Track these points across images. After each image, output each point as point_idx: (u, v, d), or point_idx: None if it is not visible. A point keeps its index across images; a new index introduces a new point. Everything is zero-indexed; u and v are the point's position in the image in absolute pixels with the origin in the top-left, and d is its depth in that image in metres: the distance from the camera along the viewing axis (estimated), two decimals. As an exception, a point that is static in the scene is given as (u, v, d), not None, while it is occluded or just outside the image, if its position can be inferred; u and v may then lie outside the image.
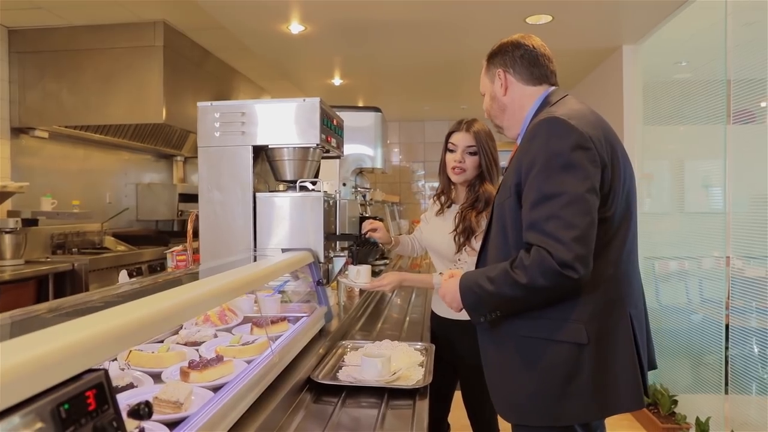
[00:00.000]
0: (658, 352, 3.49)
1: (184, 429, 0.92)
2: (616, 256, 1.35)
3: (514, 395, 1.40)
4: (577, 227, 1.22)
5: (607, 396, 1.31)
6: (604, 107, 4.45)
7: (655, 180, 4.08)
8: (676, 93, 3.56)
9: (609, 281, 1.33)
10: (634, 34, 3.85)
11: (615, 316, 1.33)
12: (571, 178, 1.24)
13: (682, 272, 3.62)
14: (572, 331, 1.30)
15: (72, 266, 3.99)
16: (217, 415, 1.00)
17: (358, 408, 1.47)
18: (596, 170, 1.27)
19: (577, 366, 1.30)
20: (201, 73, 4.98)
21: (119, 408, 0.72)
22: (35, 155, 4.52)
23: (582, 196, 1.23)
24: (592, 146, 1.28)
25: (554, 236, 1.22)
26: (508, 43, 1.53)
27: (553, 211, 1.24)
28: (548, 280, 1.23)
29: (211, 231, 2.07)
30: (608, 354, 1.31)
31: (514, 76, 1.50)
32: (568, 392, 1.30)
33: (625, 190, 1.37)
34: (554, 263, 1.21)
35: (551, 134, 1.29)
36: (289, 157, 2.06)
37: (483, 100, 1.61)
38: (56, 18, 4.14)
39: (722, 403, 2.93)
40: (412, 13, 3.46)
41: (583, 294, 1.30)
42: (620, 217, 1.35)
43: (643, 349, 1.38)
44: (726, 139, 2.90)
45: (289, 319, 1.73)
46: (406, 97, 6.15)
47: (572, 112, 1.34)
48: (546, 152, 1.27)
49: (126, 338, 0.74)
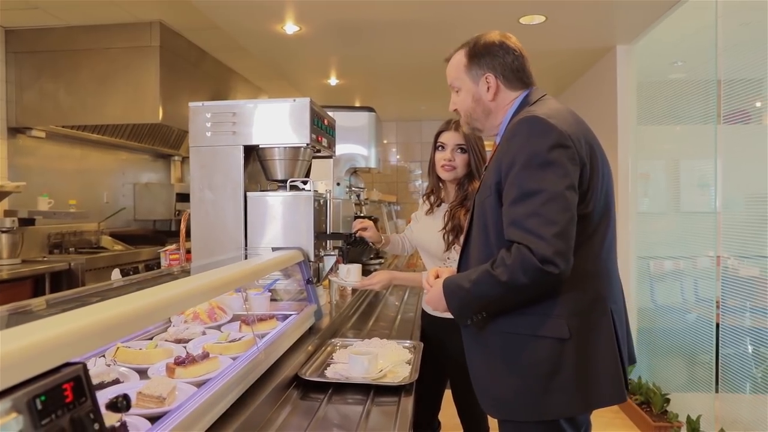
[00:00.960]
0: (652, 350, 3.49)
1: (165, 422, 0.93)
2: (596, 253, 1.37)
3: (498, 392, 1.41)
4: (557, 223, 1.23)
5: (590, 390, 1.33)
6: (598, 107, 4.47)
7: (648, 180, 4.10)
8: (669, 93, 3.58)
9: (589, 277, 1.35)
10: (628, 34, 3.86)
11: (596, 312, 1.35)
12: (551, 176, 1.26)
13: (675, 272, 3.64)
14: (554, 327, 1.32)
15: (68, 266, 4.01)
16: (199, 410, 1.02)
17: (344, 404, 1.49)
18: (575, 168, 1.29)
19: (559, 361, 1.31)
20: (198, 73, 5.00)
21: (97, 401, 0.73)
22: (32, 155, 4.54)
23: (561, 193, 1.25)
24: (571, 144, 1.29)
25: (535, 233, 1.24)
26: (494, 44, 1.47)
27: (534, 208, 1.25)
28: (529, 276, 1.24)
29: (203, 230, 2.09)
30: (590, 349, 1.33)
31: (504, 82, 1.48)
32: (552, 387, 1.32)
33: (603, 189, 1.39)
34: (535, 259, 1.22)
35: (531, 133, 1.30)
36: (279, 156, 2.08)
37: (456, 95, 1.54)
38: (53, 18, 4.16)
39: (713, 402, 2.95)
40: (406, 14, 3.48)
41: (563, 290, 1.32)
42: (599, 215, 1.38)
43: (623, 344, 1.40)
44: (716, 139, 2.92)
45: (278, 317, 1.75)
46: (402, 97, 6.17)
47: (552, 111, 1.36)
48: (526, 150, 1.29)
49: (103, 334, 0.75)
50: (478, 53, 1.48)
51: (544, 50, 4.07)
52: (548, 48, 4.03)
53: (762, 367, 2.65)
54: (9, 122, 4.34)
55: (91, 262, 4.20)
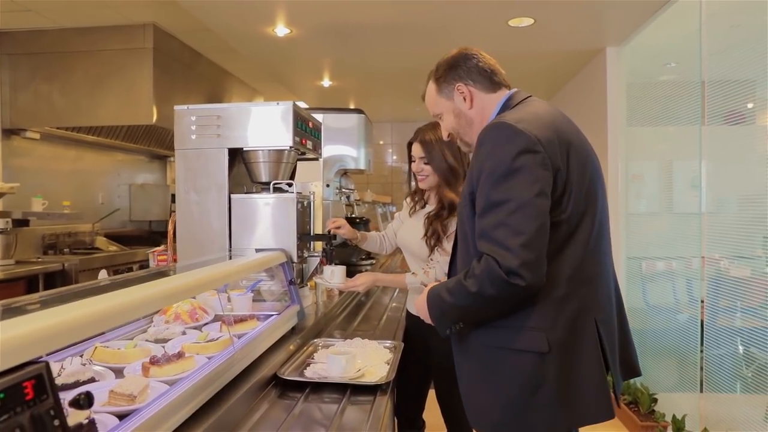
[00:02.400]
0: (642, 351, 3.51)
1: (132, 419, 0.96)
2: (574, 260, 1.32)
3: (483, 406, 1.38)
4: (524, 234, 1.20)
5: (575, 406, 1.28)
6: (589, 109, 4.49)
7: (639, 181, 4.13)
8: (657, 95, 3.61)
9: (567, 285, 1.30)
10: (617, 36, 3.89)
11: (578, 323, 1.30)
12: (518, 184, 1.23)
13: (664, 272, 3.67)
14: (532, 339, 1.28)
15: (62, 266, 4.04)
16: (169, 408, 1.04)
17: (320, 403, 1.51)
18: (546, 173, 1.25)
19: (540, 376, 1.27)
20: (192, 75, 5.03)
21: (59, 399, 0.76)
22: (27, 156, 4.57)
23: (530, 201, 1.22)
24: (540, 149, 1.25)
25: (502, 244, 1.21)
26: (453, 57, 1.49)
27: (500, 218, 1.23)
28: (496, 288, 1.22)
29: (188, 231, 2.11)
30: (573, 363, 1.28)
31: (475, 86, 1.46)
32: (534, 403, 1.28)
33: (583, 191, 1.33)
34: (501, 271, 1.20)
35: (498, 140, 1.28)
36: (264, 159, 2.11)
37: (442, 122, 1.55)
38: (46, 20, 4.19)
39: (698, 401, 2.98)
40: (396, 17, 3.50)
41: (539, 300, 1.28)
42: (577, 220, 1.32)
43: (613, 356, 1.36)
44: (701, 140, 2.94)
45: (259, 317, 1.78)
46: (396, 98, 6.20)
47: (525, 115, 1.33)
48: (492, 159, 1.27)
49: (65, 334, 0.78)
50: (442, 73, 1.50)
51: (534, 53, 4.09)
52: (538, 50, 4.05)
53: (752, 367, 2.67)
54: (3, 124, 4.37)
55: (85, 262, 4.22)
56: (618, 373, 1.40)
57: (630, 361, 1.47)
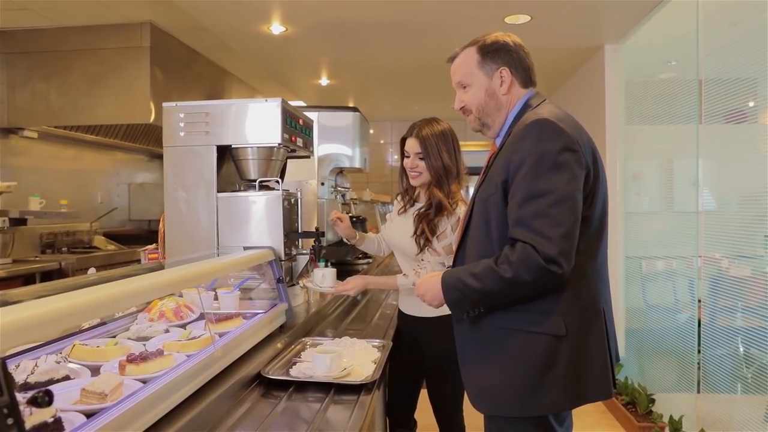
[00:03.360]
0: (640, 351, 3.46)
1: (100, 417, 0.95)
2: (595, 255, 1.42)
3: (490, 386, 1.44)
4: (563, 225, 1.28)
5: (579, 387, 1.37)
6: (587, 107, 4.46)
7: (640, 180, 4.09)
8: (655, 93, 3.57)
9: (587, 277, 1.39)
10: (615, 34, 3.86)
11: (591, 311, 1.40)
12: (560, 178, 1.30)
13: (662, 272, 3.63)
14: (552, 324, 1.36)
15: (59, 265, 4.04)
16: (140, 407, 1.03)
17: (304, 402, 1.50)
18: (581, 172, 1.34)
19: (554, 357, 1.35)
20: (190, 74, 5.02)
21: (15, 396, 0.75)
22: (25, 155, 4.57)
23: (569, 195, 1.30)
24: (579, 149, 1.34)
25: (541, 233, 1.28)
26: (506, 41, 1.51)
27: (541, 208, 1.29)
28: (533, 274, 1.28)
29: (176, 229, 2.10)
30: (583, 346, 1.37)
31: (516, 77, 1.50)
32: (543, 383, 1.35)
33: (602, 193, 1.43)
34: (540, 258, 1.27)
35: (542, 135, 1.34)
36: (252, 156, 2.09)
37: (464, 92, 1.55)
38: (43, 19, 4.19)
39: (695, 402, 2.94)
40: (391, 14, 3.48)
41: (564, 289, 1.36)
42: (599, 218, 1.42)
43: (613, 342, 1.45)
44: (698, 138, 2.91)
45: (245, 315, 1.76)
46: (395, 97, 6.18)
47: (559, 115, 1.39)
48: (536, 152, 1.32)
49: (20, 333, 0.76)
50: (491, 49, 1.50)
51: (531, 50, 4.02)
52: (535, 48, 3.93)
53: (752, 368, 2.64)
54: (1, 123, 4.38)
55: (83, 261, 4.22)
56: (614, 358, 1.48)
57: (615, 348, 1.53)
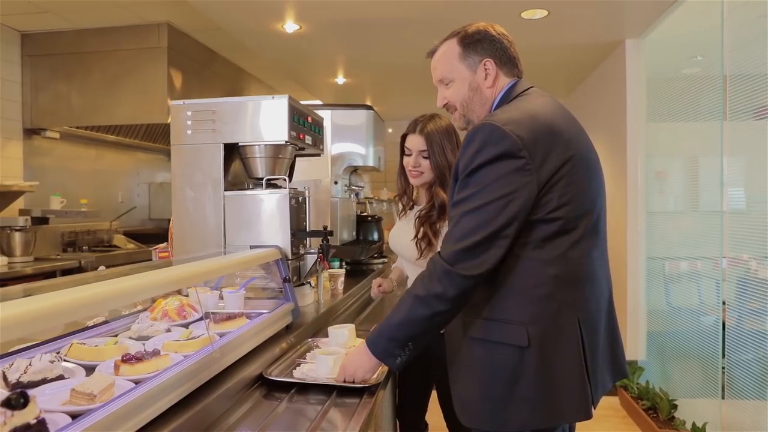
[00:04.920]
0: (662, 354, 3.34)
1: (85, 419, 0.93)
2: (559, 258, 1.30)
3: (466, 397, 1.39)
4: (475, 230, 1.25)
5: (551, 404, 1.29)
6: (607, 104, 4.35)
7: (663, 178, 3.98)
8: (678, 89, 3.46)
9: (551, 283, 1.29)
10: (637, 28, 3.75)
11: (560, 321, 1.29)
12: (486, 186, 1.26)
13: (684, 273, 3.52)
14: (512, 333, 1.29)
15: (79, 263, 4.10)
16: (129, 408, 1.01)
17: (305, 404, 1.47)
18: (523, 177, 1.25)
19: (519, 369, 1.28)
20: (208, 74, 5.05)
21: (-11, 397, 0.73)
22: (47, 155, 4.66)
23: (491, 202, 1.25)
24: (524, 155, 1.25)
25: (447, 239, 1.28)
26: (486, 30, 1.43)
27: (457, 216, 1.29)
28: (443, 283, 1.27)
29: (184, 228, 2.09)
30: (552, 359, 1.28)
31: (501, 67, 1.43)
32: (513, 396, 1.29)
33: (587, 194, 1.33)
34: (443, 262, 1.26)
35: (485, 141, 1.27)
36: (260, 154, 2.07)
37: (446, 89, 1.49)
38: (64, 21, 4.25)
39: (719, 408, 2.84)
40: (404, 11, 3.45)
41: (522, 295, 1.29)
42: (573, 220, 1.30)
43: (593, 357, 1.34)
44: (722, 136, 2.80)
45: (250, 315, 1.74)
46: (413, 96, 6.13)
47: (517, 114, 1.30)
48: (476, 159, 1.27)
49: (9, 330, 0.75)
50: (473, 39, 1.43)
51: (549, 46, 3.97)
52: (553, 43, 3.93)
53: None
54: (24, 123, 4.47)
55: (102, 260, 4.27)
56: (603, 375, 1.38)
57: (618, 362, 1.44)
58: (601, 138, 4.41)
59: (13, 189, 4.01)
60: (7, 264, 3.85)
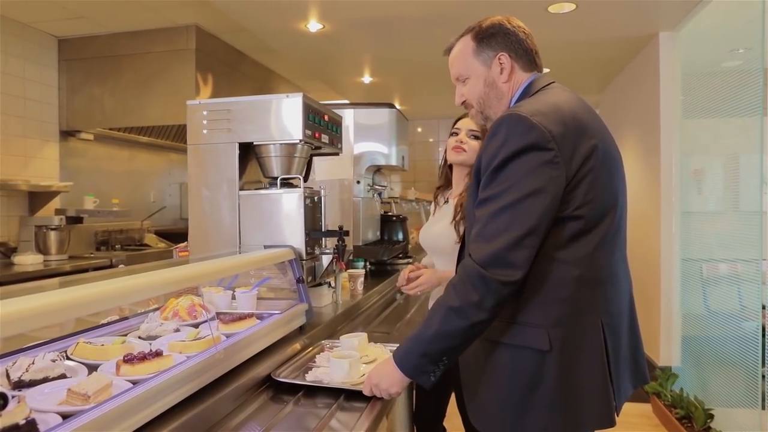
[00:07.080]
0: (698, 360, 3.20)
1: (77, 418, 0.92)
2: (583, 258, 1.24)
3: (481, 401, 1.34)
4: (507, 231, 1.17)
5: (572, 410, 1.23)
6: (640, 101, 4.20)
7: (701, 177, 3.81)
8: (715, 84, 3.30)
9: (574, 285, 1.23)
10: (671, 20, 3.60)
11: (583, 324, 1.24)
12: (516, 181, 1.18)
13: (721, 276, 3.36)
14: (533, 336, 1.23)
15: (110, 262, 4.20)
16: (123, 409, 1.00)
17: (312, 408, 1.44)
18: (553, 170, 1.19)
19: (539, 374, 1.22)
20: (236, 75, 5.10)
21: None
22: (82, 156, 4.79)
23: (522, 199, 1.17)
24: (553, 147, 1.19)
25: (478, 240, 1.20)
26: (502, 24, 1.38)
27: (487, 215, 1.20)
28: (479, 291, 1.17)
29: (200, 228, 2.10)
30: (574, 364, 1.23)
31: (517, 61, 1.38)
32: (532, 402, 1.24)
33: (605, 188, 1.26)
34: (478, 267, 1.17)
35: (510, 133, 1.21)
36: (275, 153, 2.06)
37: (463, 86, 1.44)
38: (98, 26, 4.36)
39: (759, 418, 2.69)
40: (428, 9, 3.40)
41: (543, 296, 1.23)
42: (596, 218, 1.25)
43: (616, 362, 1.28)
44: (762, 132, 2.65)
45: (261, 315, 1.73)
46: (442, 95, 6.05)
47: (543, 107, 1.25)
48: (502, 151, 1.20)
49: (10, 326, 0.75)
50: (487, 34, 1.38)
51: (577, 41, 3.85)
52: (582, 38, 3.81)
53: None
54: (61, 126, 4.61)
55: (133, 258, 4.37)
56: (625, 381, 1.32)
57: (639, 368, 1.38)
58: (633, 136, 4.26)
59: (51, 189, 4.13)
60: (43, 262, 3.97)
